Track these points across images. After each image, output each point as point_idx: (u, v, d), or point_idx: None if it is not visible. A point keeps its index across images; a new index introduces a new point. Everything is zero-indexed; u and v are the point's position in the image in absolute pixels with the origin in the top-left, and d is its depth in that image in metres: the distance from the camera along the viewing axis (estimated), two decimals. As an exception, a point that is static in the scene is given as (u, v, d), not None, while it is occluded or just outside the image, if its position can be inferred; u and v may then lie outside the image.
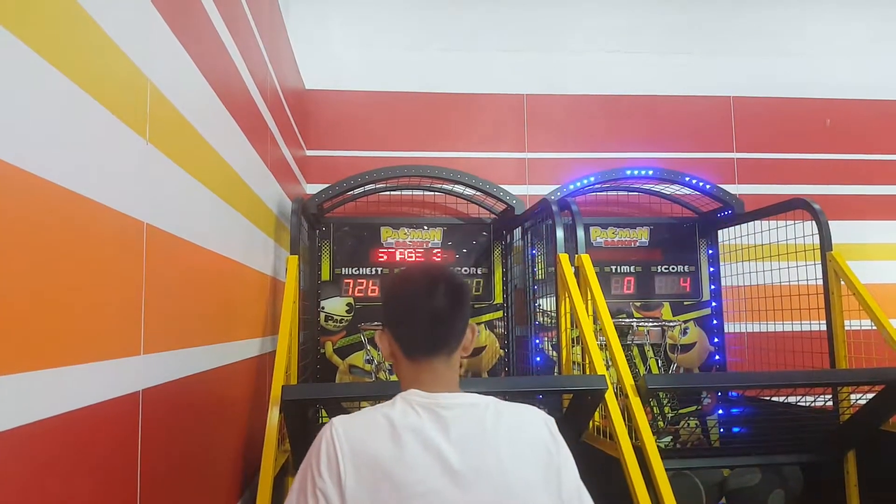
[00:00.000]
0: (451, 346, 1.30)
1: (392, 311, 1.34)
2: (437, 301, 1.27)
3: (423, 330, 1.29)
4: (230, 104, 2.28)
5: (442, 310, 1.27)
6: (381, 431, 1.18)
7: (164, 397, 1.61)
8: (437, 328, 1.28)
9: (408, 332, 1.30)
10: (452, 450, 1.17)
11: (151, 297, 1.51)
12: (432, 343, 1.28)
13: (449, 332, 1.29)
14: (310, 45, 4.38)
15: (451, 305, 1.28)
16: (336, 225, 3.92)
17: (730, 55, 4.86)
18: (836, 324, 3.10)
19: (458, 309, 1.30)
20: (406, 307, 1.31)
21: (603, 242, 4.17)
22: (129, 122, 1.41)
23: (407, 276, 1.37)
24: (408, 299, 1.31)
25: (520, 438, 1.24)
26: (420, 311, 1.28)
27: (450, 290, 1.28)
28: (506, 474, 1.18)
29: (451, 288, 1.29)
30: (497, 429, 1.22)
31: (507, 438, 1.22)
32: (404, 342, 1.30)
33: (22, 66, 1.01)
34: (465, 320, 1.32)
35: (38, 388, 1.04)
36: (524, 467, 1.21)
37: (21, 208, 1.01)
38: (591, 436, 2.77)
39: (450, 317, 1.29)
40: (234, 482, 2.34)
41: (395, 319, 1.33)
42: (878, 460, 2.89)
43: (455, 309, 1.29)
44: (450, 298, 1.28)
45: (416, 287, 1.31)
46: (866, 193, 4.79)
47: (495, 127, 4.64)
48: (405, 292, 1.32)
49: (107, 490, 1.30)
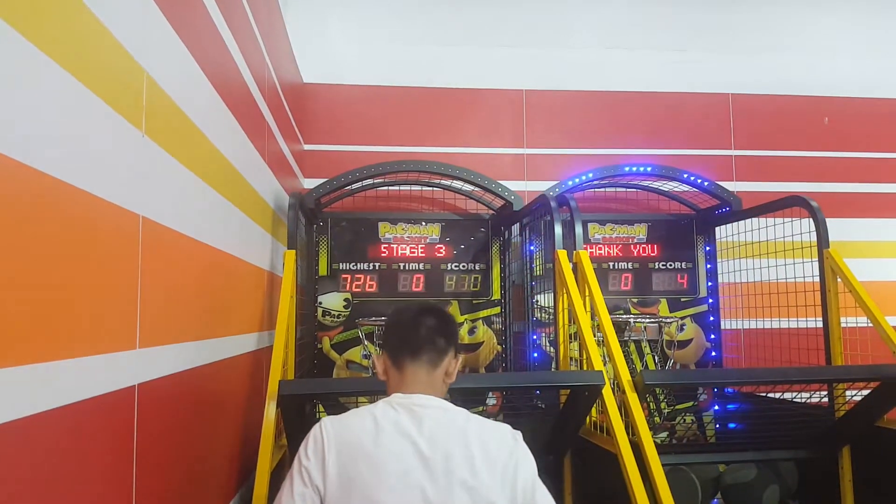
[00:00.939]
0: (433, 359, 1.50)
1: (388, 333, 1.58)
2: (425, 320, 1.51)
3: (408, 338, 1.50)
4: (228, 97, 2.27)
5: (427, 326, 1.51)
6: (363, 422, 1.41)
7: (160, 392, 1.60)
8: (421, 339, 1.50)
9: (396, 341, 1.52)
10: (423, 440, 1.37)
11: (147, 291, 1.50)
12: (415, 349, 1.49)
13: (432, 345, 1.50)
14: (308, 38, 4.36)
15: (436, 324, 1.52)
16: (334, 220, 3.91)
17: (729, 52, 4.86)
18: (832, 321, 3.10)
19: (442, 328, 1.52)
20: (398, 326, 1.55)
21: (601, 239, 4.17)
22: (126, 113, 1.40)
23: (402, 308, 1.61)
24: (400, 320, 1.55)
25: (485, 437, 1.42)
26: (408, 327, 1.52)
27: (436, 315, 1.54)
28: (472, 461, 1.37)
29: (438, 313, 1.55)
30: (466, 427, 1.42)
31: (474, 434, 1.41)
32: (392, 351, 1.52)
33: (17, 56, 1.01)
34: (448, 342, 1.53)
35: (32, 383, 1.04)
36: (487, 461, 1.39)
37: (14, 200, 1.00)
38: (588, 431, 2.77)
39: (433, 332, 1.51)
40: (231, 477, 2.34)
41: (389, 338, 1.56)
42: (873, 456, 2.90)
43: (439, 327, 1.52)
44: (435, 319, 1.52)
45: (409, 312, 1.56)
46: (864, 191, 4.79)
47: (494, 122, 4.63)
48: (400, 317, 1.57)
49: (102, 484, 1.30)
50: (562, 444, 2.80)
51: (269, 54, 3.15)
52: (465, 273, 3.97)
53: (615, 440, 2.34)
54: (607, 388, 2.42)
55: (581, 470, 2.85)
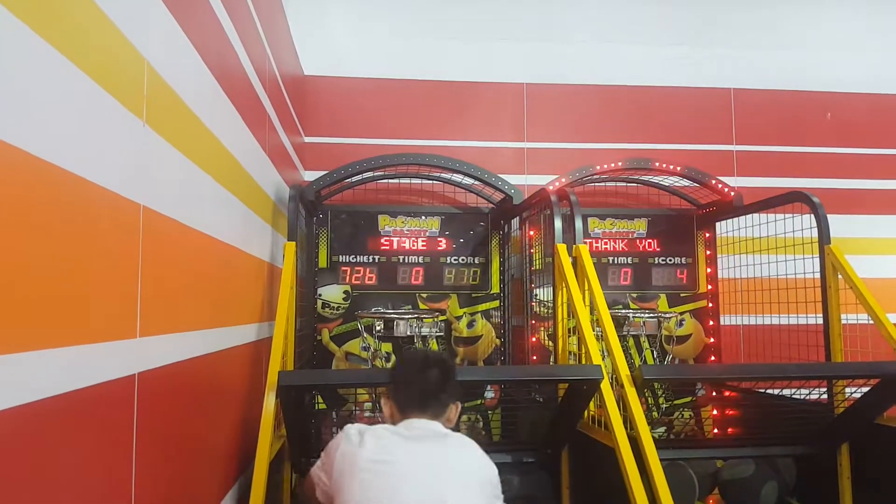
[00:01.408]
0: (436, 412, 1.76)
1: (394, 383, 1.82)
2: (429, 375, 1.75)
3: (414, 396, 1.76)
4: (229, 88, 2.26)
5: (432, 382, 1.75)
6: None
7: (160, 381, 1.60)
8: (426, 397, 1.75)
9: (404, 395, 1.77)
10: (410, 434, 1.71)
11: (147, 280, 1.50)
12: (421, 404, 1.75)
13: (436, 399, 1.75)
14: (309, 30, 4.35)
15: (440, 380, 1.76)
16: (334, 212, 3.91)
17: (730, 47, 4.84)
18: (832, 317, 3.10)
19: (445, 383, 1.77)
20: (404, 379, 1.80)
21: (601, 233, 4.16)
22: (127, 102, 1.39)
23: (409, 357, 1.89)
24: (407, 377, 1.80)
25: (464, 451, 1.73)
26: (415, 383, 1.77)
27: (440, 369, 1.77)
28: (447, 458, 1.68)
29: (442, 368, 1.77)
30: (447, 437, 1.74)
31: (454, 443, 1.73)
32: (400, 403, 1.77)
33: (15, 42, 1.00)
34: (450, 395, 1.78)
35: (31, 370, 1.03)
36: (463, 464, 1.69)
37: (15, 188, 1.00)
38: (587, 425, 2.77)
39: (438, 389, 1.76)
40: (230, 467, 2.34)
41: (396, 388, 1.80)
42: (872, 454, 2.90)
43: (442, 383, 1.77)
44: (439, 374, 1.76)
45: (414, 365, 1.80)
46: (865, 187, 4.79)
47: (494, 116, 4.62)
48: (407, 371, 1.81)
49: (102, 473, 1.30)
50: (560, 438, 2.80)
51: (271, 46, 3.14)
52: (465, 266, 3.97)
53: (613, 434, 2.35)
54: (606, 382, 2.42)
55: (579, 464, 2.86)
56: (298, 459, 2.67)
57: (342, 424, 3.65)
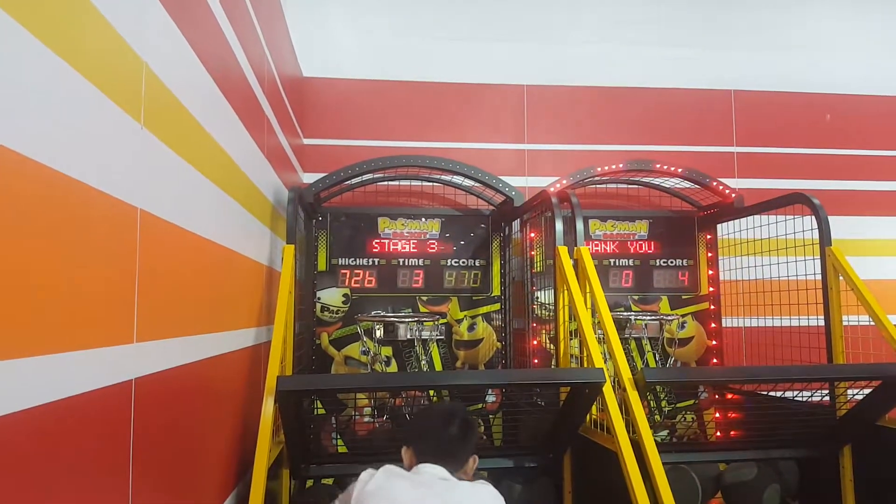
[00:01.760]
0: (455, 466, 1.75)
1: (416, 435, 1.82)
2: (451, 430, 1.74)
3: (433, 451, 1.74)
4: (227, 90, 2.25)
5: (453, 437, 1.75)
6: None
7: (157, 386, 1.58)
8: (447, 452, 1.75)
9: (422, 448, 1.76)
10: (417, 478, 1.71)
11: (145, 285, 1.48)
12: (440, 458, 1.73)
13: (455, 456, 1.75)
14: (308, 32, 4.33)
15: (460, 435, 1.75)
16: (333, 215, 3.89)
17: (731, 49, 4.84)
18: (833, 319, 3.09)
19: (466, 440, 1.77)
20: (426, 433, 1.79)
21: (602, 235, 4.15)
22: (125, 105, 1.38)
23: (431, 410, 1.97)
24: (429, 427, 1.80)
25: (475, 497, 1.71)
26: (436, 437, 1.76)
27: (461, 425, 1.76)
28: None
29: (462, 423, 1.76)
30: (456, 486, 1.71)
31: (464, 492, 1.70)
32: (419, 455, 1.75)
33: (12, 45, 0.98)
34: (469, 450, 1.79)
35: (28, 376, 1.02)
36: None
37: (9, 191, 0.98)
38: (589, 429, 2.76)
39: (457, 444, 1.76)
40: (228, 473, 2.32)
41: (417, 441, 1.79)
42: (874, 456, 2.89)
43: (463, 439, 1.76)
44: (460, 430, 1.75)
45: (437, 418, 1.80)
46: (866, 189, 4.78)
47: (495, 117, 4.61)
48: (428, 421, 1.83)
49: (99, 479, 1.28)
50: (562, 442, 2.78)
51: (269, 47, 3.12)
52: (465, 269, 3.96)
53: (615, 438, 2.33)
54: (608, 385, 2.41)
55: (581, 468, 2.84)
56: (297, 465, 2.65)
57: (342, 429, 3.64)
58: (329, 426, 3.68)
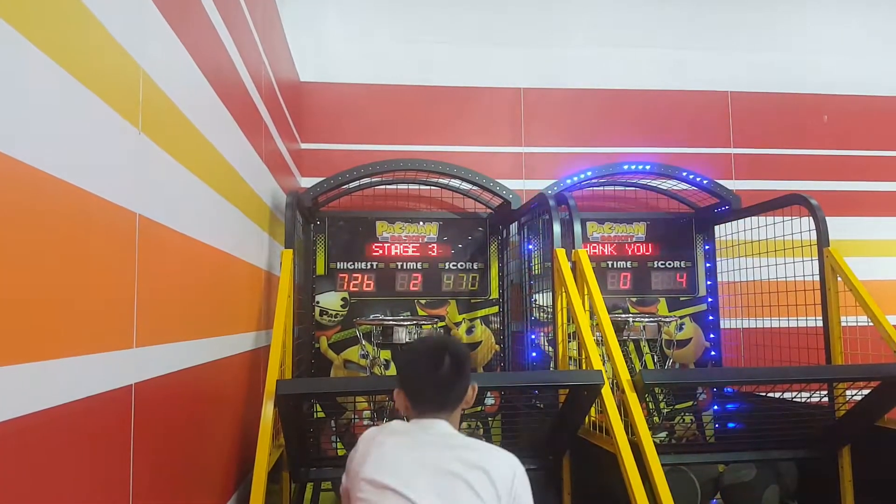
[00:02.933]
0: (453, 406, 1.62)
1: (406, 378, 1.66)
2: (442, 372, 1.58)
3: (429, 394, 1.60)
4: (224, 95, 2.25)
5: (445, 379, 1.59)
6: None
7: (157, 391, 1.59)
8: (441, 394, 1.60)
9: (417, 395, 1.62)
10: (425, 458, 1.51)
11: (144, 290, 1.49)
12: (437, 404, 1.60)
13: (451, 396, 1.61)
14: (305, 36, 4.35)
15: (453, 375, 1.59)
16: (331, 219, 3.90)
17: (727, 50, 4.85)
18: (832, 320, 3.10)
19: (459, 377, 1.61)
20: (416, 376, 1.63)
21: (599, 237, 4.15)
22: (122, 111, 1.38)
23: (418, 349, 1.72)
24: (418, 369, 1.63)
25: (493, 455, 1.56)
26: (427, 380, 1.60)
27: (452, 363, 1.59)
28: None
29: (454, 360, 1.59)
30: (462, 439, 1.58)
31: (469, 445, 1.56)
32: (415, 402, 1.62)
33: (12, 53, 0.99)
34: (465, 385, 1.63)
35: (28, 382, 1.02)
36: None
37: (9, 197, 0.98)
38: (587, 431, 2.76)
39: (452, 384, 1.60)
40: (228, 477, 2.32)
41: (408, 384, 1.64)
42: (873, 456, 2.89)
43: (456, 377, 1.60)
44: (452, 369, 1.58)
45: (425, 359, 1.62)
46: (864, 189, 4.79)
47: (492, 121, 4.61)
48: (416, 363, 1.64)
49: (99, 484, 1.28)
50: (561, 444, 2.78)
51: (266, 52, 3.13)
52: (463, 272, 3.96)
53: (614, 440, 2.33)
54: (606, 387, 2.41)
55: (580, 470, 2.84)
56: (297, 469, 2.65)
57: (341, 433, 3.64)
58: (328, 429, 3.68)
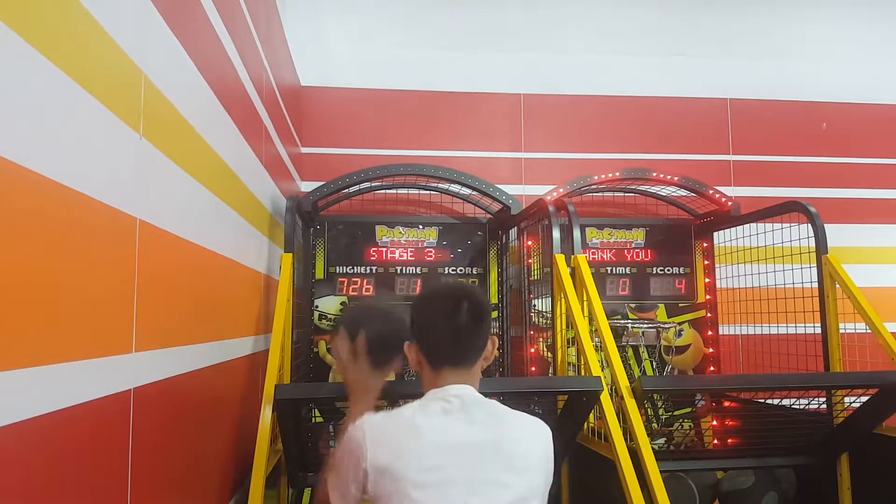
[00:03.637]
0: (472, 359, 1.46)
1: (419, 328, 1.50)
2: (460, 320, 1.42)
3: (446, 346, 1.45)
4: (225, 100, 2.26)
5: (463, 328, 1.42)
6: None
7: (156, 396, 1.59)
8: (459, 344, 1.44)
9: (433, 347, 1.47)
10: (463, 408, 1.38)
11: (144, 294, 1.49)
12: (455, 357, 1.45)
13: (470, 347, 1.45)
14: (306, 41, 4.35)
15: (472, 323, 1.43)
16: (331, 223, 3.90)
17: (726, 57, 4.86)
18: (830, 327, 3.10)
19: (479, 326, 1.45)
20: (431, 325, 1.47)
21: (599, 243, 4.16)
22: (123, 116, 1.38)
23: (432, 295, 1.54)
24: (433, 318, 1.47)
25: (526, 423, 1.47)
26: (444, 329, 1.44)
27: (471, 310, 1.43)
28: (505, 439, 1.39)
29: (472, 307, 1.43)
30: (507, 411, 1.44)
31: (516, 419, 1.45)
32: (430, 356, 1.47)
33: (14, 58, 0.99)
34: (485, 336, 1.48)
35: (26, 386, 1.02)
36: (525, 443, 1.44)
37: (9, 201, 0.99)
38: (586, 437, 2.76)
39: (471, 333, 1.44)
40: (226, 482, 2.32)
41: (422, 335, 1.49)
42: (872, 463, 2.89)
43: (476, 326, 1.44)
44: (471, 317, 1.42)
45: (440, 307, 1.46)
46: (862, 197, 4.80)
47: (492, 126, 4.62)
48: (431, 312, 1.48)
49: (97, 490, 1.28)
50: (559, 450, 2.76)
51: (267, 57, 3.14)
52: (463, 277, 3.97)
53: (613, 446, 2.33)
54: (605, 394, 2.41)
55: (579, 477, 2.84)
56: (295, 474, 2.65)
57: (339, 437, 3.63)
58: (327, 434, 3.67)
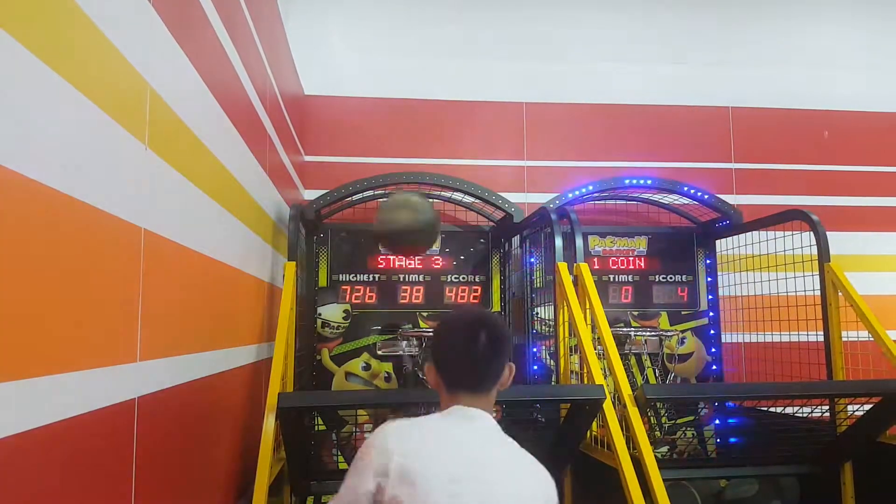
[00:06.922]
0: (488, 386, 1.48)
1: (439, 353, 1.52)
2: (477, 348, 1.44)
3: (462, 372, 1.47)
4: (229, 109, 2.27)
5: (481, 356, 1.45)
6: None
7: (160, 405, 1.59)
8: (476, 371, 1.47)
9: (450, 372, 1.49)
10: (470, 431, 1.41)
11: (148, 304, 1.50)
12: (471, 384, 1.47)
13: (487, 376, 1.47)
14: (309, 50, 4.37)
15: (489, 352, 1.45)
16: (334, 231, 3.91)
17: (729, 66, 4.87)
18: (833, 335, 3.10)
19: (496, 355, 1.47)
20: (450, 350, 1.50)
21: (601, 251, 4.16)
22: (129, 126, 1.40)
23: (454, 321, 1.57)
24: (452, 344, 1.50)
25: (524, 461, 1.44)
26: (461, 356, 1.47)
27: (489, 339, 1.45)
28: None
29: (491, 337, 1.46)
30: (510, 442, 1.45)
31: (514, 452, 1.44)
32: (448, 380, 1.49)
33: (21, 69, 1.01)
34: (501, 364, 1.49)
35: (32, 397, 1.03)
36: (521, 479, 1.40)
37: (16, 212, 1.00)
38: (589, 446, 2.76)
39: (488, 362, 1.47)
40: (230, 489, 2.32)
41: (441, 360, 1.51)
42: (875, 472, 2.88)
43: (493, 354, 1.46)
44: (488, 346, 1.45)
45: (459, 334, 1.49)
46: (864, 205, 4.80)
47: (494, 134, 4.64)
48: (450, 338, 1.51)
49: (101, 499, 1.29)
50: (562, 458, 2.78)
51: (271, 67, 3.16)
52: (465, 285, 3.97)
53: (616, 455, 2.33)
54: (608, 402, 2.41)
55: (582, 485, 2.83)
56: (298, 482, 2.65)
57: (342, 445, 3.63)
58: (330, 442, 3.68)
